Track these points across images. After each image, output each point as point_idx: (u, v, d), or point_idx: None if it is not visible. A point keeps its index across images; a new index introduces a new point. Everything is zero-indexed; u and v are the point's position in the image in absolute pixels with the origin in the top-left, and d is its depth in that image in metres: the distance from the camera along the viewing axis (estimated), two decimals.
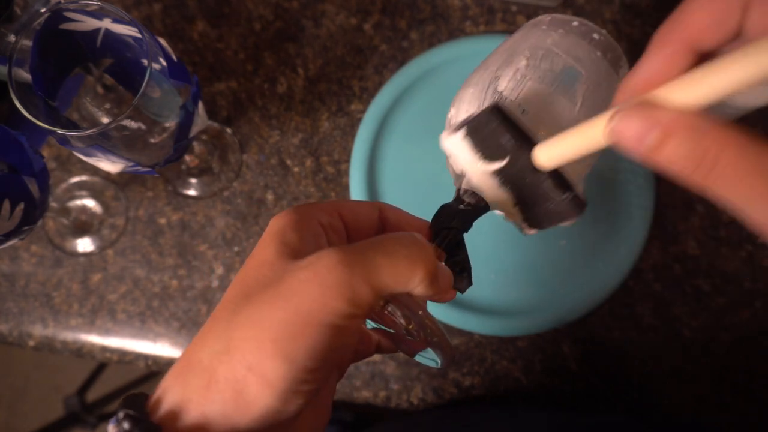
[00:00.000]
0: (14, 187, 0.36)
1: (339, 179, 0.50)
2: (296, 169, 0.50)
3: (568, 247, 0.48)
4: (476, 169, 0.29)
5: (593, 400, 0.47)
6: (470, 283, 0.29)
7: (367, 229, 0.27)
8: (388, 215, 0.28)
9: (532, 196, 0.29)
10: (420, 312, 0.24)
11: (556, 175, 0.28)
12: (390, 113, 0.49)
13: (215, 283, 0.49)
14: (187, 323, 0.49)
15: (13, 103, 0.32)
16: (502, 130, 0.28)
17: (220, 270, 0.50)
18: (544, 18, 0.33)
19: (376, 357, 0.48)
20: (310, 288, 0.21)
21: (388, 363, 0.48)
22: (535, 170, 0.28)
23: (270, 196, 0.50)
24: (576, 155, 0.25)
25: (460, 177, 0.31)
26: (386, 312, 0.25)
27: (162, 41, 0.35)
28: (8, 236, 0.37)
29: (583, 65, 0.31)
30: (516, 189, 0.29)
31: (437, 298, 0.25)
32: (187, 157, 0.49)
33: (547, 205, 0.29)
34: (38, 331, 0.50)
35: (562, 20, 0.32)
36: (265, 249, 0.24)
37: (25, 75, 0.33)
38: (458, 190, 0.31)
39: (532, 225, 0.30)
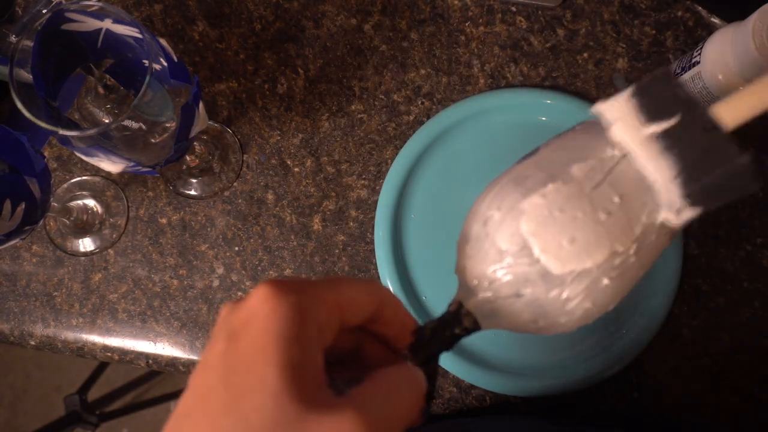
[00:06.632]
0: (15, 187, 0.36)
1: (339, 179, 0.50)
2: (296, 169, 0.50)
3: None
4: (636, 136, 0.27)
5: (593, 400, 0.47)
6: (428, 413, 0.26)
7: (359, 319, 0.24)
8: (386, 313, 0.25)
9: (702, 160, 0.26)
10: None
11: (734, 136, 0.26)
12: (422, 156, 0.49)
13: (216, 283, 0.50)
14: (188, 323, 0.49)
15: (15, 104, 0.32)
16: (674, 87, 0.26)
17: (220, 270, 0.50)
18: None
19: None
20: None
21: None
22: (708, 131, 0.26)
23: (270, 196, 0.50)
24: None
25: (469, 293, 0.28)
26: None
27: (163, 41, 0.35)
28: (9, 236, 0.37)
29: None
30: (682, 153, 0.26)
31: None
32: (187, 157, 0.49)
33: (722, 168, 0.26)
34: (39, 330, 0.50)
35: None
36: (266, 366, 0.20)
37: (26, 75, 0.33)
38: (458, 305, 0.27)
39: (695, 201, 0.26)
